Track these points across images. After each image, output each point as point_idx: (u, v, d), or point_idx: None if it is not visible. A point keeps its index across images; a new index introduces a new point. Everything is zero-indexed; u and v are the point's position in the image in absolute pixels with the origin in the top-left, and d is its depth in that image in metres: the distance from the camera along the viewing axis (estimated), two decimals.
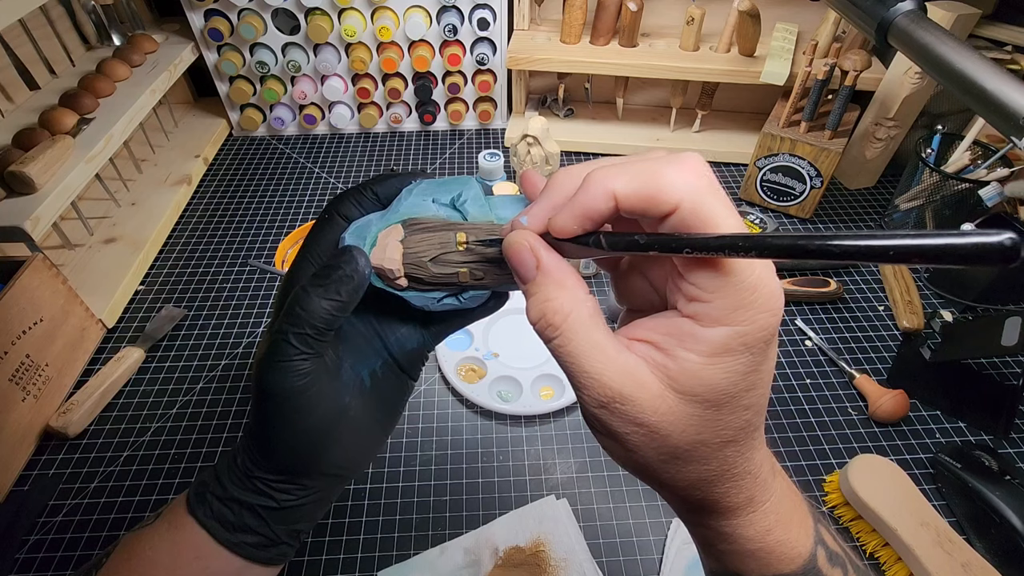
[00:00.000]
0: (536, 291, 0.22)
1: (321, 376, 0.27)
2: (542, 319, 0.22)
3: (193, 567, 0.28)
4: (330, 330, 0.26)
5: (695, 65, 0.92)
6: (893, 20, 0.59)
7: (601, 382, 0.21)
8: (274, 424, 0.27)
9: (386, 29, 0.95)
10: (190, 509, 0.28)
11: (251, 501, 0.28)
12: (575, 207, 0.21)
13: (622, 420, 0.21)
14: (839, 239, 0.16)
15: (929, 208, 0.81)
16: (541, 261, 0.22)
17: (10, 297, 0.58)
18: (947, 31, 0.56)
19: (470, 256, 0.27)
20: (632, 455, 0.22)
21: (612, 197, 0.20)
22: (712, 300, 0.19)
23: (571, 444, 0.62)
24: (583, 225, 0.21)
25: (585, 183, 0.21)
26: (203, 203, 0.95)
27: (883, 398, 0.63)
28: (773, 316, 0.20)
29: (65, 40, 0.88)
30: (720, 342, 0.19)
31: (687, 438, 0.21)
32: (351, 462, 0.30)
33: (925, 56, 0.56)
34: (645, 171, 0.20)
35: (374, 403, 0.30)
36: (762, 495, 0.23)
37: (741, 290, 0.19)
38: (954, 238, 0.14)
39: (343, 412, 0.28)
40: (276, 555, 0.29)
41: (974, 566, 0.50)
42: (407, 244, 0.27)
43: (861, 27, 0.65)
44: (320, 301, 0.25)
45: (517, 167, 0.89)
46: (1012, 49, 0.86)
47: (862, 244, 0.15)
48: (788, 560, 0.23)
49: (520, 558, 0.53)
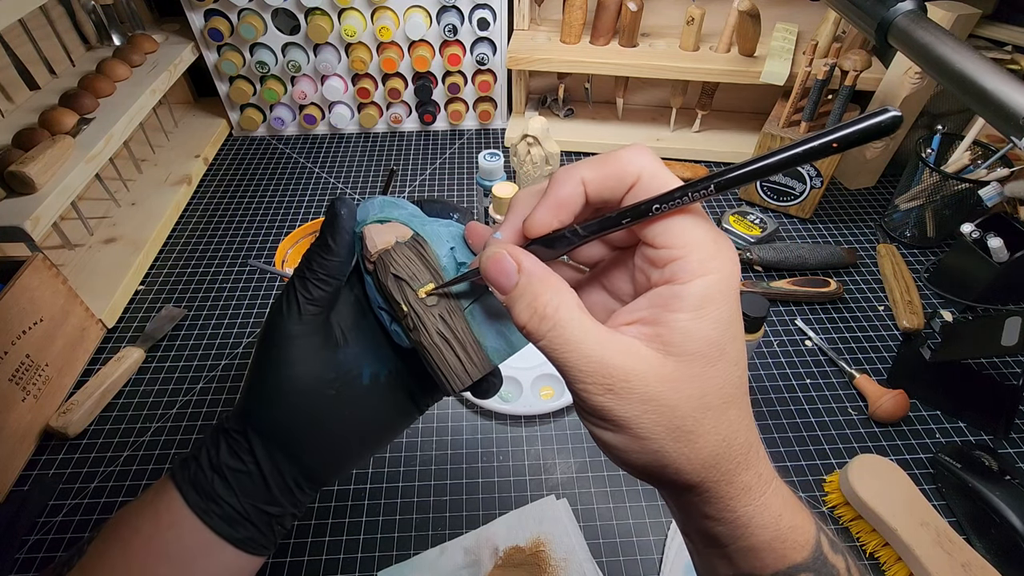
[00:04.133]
0: (522, 292, 0.22)
1: (313, 338, 0.28)
2: (533, 316, 0.22)
3: (168, 535, 0.28)
4: (329, 276, 0.28)
5: (695, 65, 0.92)
6: (893, 20, 0.59)
7: (604, 363, 0.21)
8: (255, 368, 0.29)
9: (386, 29, 0.95)
10: (172, 474, 0.29)
11: (212, 454, 0.29)
12: (548, 201, 0.23)
13: (631, 401, 0.21)
14: (774, 155, 0.19)
15: (929, 208, 0.81)
16: (522, 264, 0.23)
17: (10, 297, 0.58)
18: (947, 31, 0.56)
19: (418, 306, 0.27)
20: (645, 443, 0.21)
21: (581, 182, 0.22)
22: (686, 254, 0.21)
23: (571, 444, 0.62)
24: (558, 216, 0.23)
25: (552, 181, 0.23)
26: (203, 203, 0.95)
27: (883, 398, 0.63)
28: (735, 262, 0.22)
29: (65, 40, 0.88)
30: (702, 293, 0.21)
31: (693, 404, 0.21)
32: (305, 444, 0.29)
33: (925, 56, 0.56)
34: (604, 159, 0.23)
35: (362, 406, 0.30)
36: (768, 472, 0.23)
37: (708, 240, 0.21)
38: (853, 125, 0.17)
39: (321, 387, 0.28)
40: (247, 537, 0.29)
41: (974, 566, 0.50)
42: (396, 248, 0.28)
43: (861, 27, 0.65)
44: (313, 247, 0.28)
45: (517, 167, 0.89)
46: (1012, 49, 0.86)
47: (800, 150, 0.18)
48: (799, 547, 0.23)
49: (520, 558, 0.53)
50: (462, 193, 0.96)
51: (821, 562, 0.24)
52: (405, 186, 0.98)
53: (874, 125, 0.17)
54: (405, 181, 0.99)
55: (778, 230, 0.86)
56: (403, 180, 0.99)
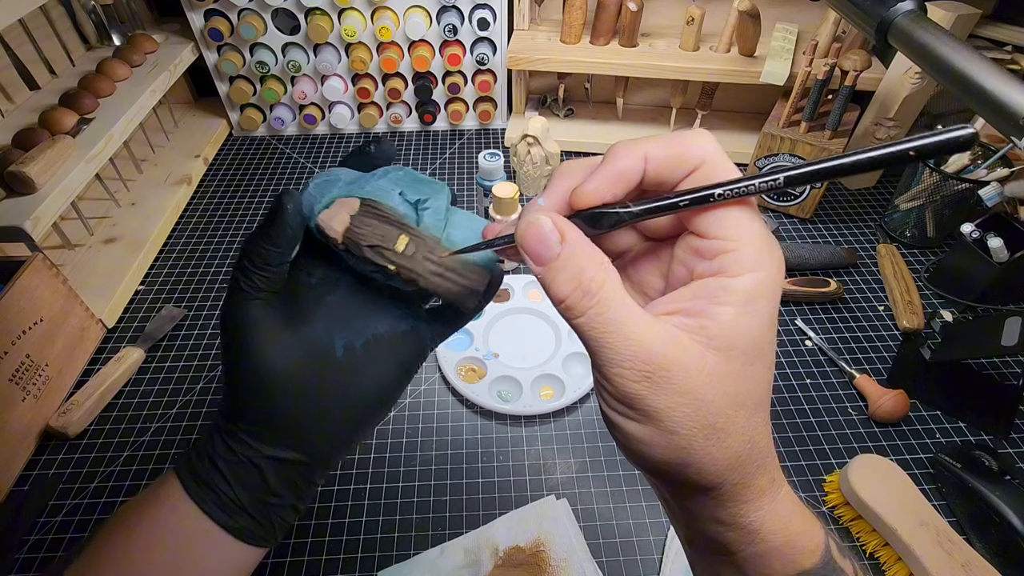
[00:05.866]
0: (565, 264, 0.21)
1: (271, 321, 0.28)
2: (577, 289, 0.21)
3: (168, 522, 0.28)
4: (269, 266, 0.28)
5: (695, 65, 0.92)
6: (893, 20, 0.59)
7: (644, 347, 0.20)
8: (225, 365, 0.29)
9: (386, 29, 0.95)
10: (175, 465, 0.29)
11: (209, 446, 0.29)
12: (606, 171, 0.22)
13: (667, 392, 0.20)
14: (850, 156, 0.19)
15: (929, 208, 0.81)
16: (566, 234, 0.21)
17: (10, 297, 0.58)
18: (947, 31, 0.56)
19: (402, 260, 0.28)
20: (673, 438, 0.20)
21: (643, 158, 0.21)
22: (739, 248, 0.20)
23: (571, 444, 0.62)
24: (614, 190, 0.22)
25: (612, 153, 0.22)
26: (203, 203, 0.95)
27: (883, 398, 0.63)
28: (782, 260, 0.21)
29: (65, 40, 0.88)
30: (752, 288, 0.20)
31: (727, 402, 0.20)
32: (292, 426, 0.29)
33: (925, 56, 0.56)
34: (670, 137, 0.22)
35: (342, 378, 0.30)
36: (780, 476, 0.23)
37: (759, 236, 0.21)
38: (933, 136, 0.18)
39: (292, 366, 0.28)
40: (244, 527, 0.29)
41: (974, 566, 0.50)
42: (354, 222, 0.29)
43: (861, 27, 0.65)
44: (255, 238, 0.28)
45: (517, 167, 0.89)
46: (1012, 49, 0.86)
47: (877, 154, 0.18)
48: (809, 552, 0.23)
49: (520, 558, 0.53)
50: (462, 193, 0.96)
51: (831, 567, 0.23)
52: None
53: (953, 139, 0.17)
54: None
55: (778, 230, 0.86)
56: None
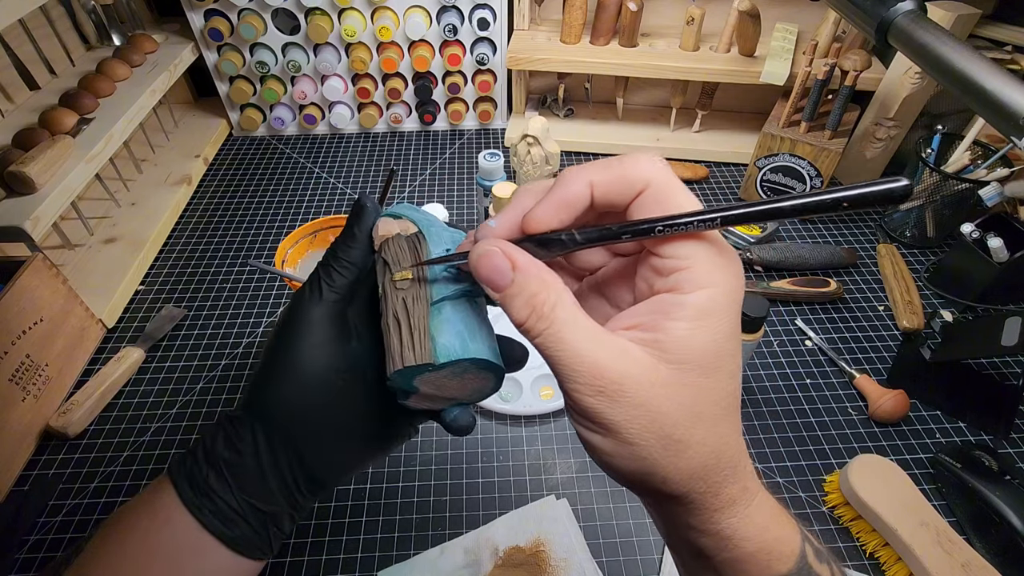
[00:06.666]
0: (518, 291, 0.22)
1: (330, 327, 0.29)
2: (531, 314, 0.22)
3: (162, 532, 0.27)
4: (348, 262, 0.30)
5: (695, 65, 0.92)
6: (893, 20, 0.59)
7: (597, 363, 0.21)
8: (268, 351, 0.29)
9: (386, 29, 0.95)
10: (169, 470, 0.29)
11: (208, 445, 0.28)
12: (553, 199, 0.22)
13: (621, 405, 0.21)
14: (785, 201, 0.19)
15: (929, 208, 0.81)
16: (517, 261, 0.22)
17: (10, 297, 0.58)
18: (947, 31, 0.56)
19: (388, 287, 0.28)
20: (633, 449, 0.21)
21: (588, 184, 0.22)
22: (691, 265, 0.21)
23: (571, 444, 0.62)
24: (560, 216, 0.22)
25: (560, 179, 0.23)
26: (203, 203, 0.95)
27: (883, 398, 0.63)
28: (740, 277, 0.22)
29: (65, 40, 0.88)
30: (704, 304, 0.21)
31: (683, 413, 0.21)
32: (307, 431, 0.29)
33: (925, 56, 0.56)
34: (614, 162, 0.22)
35: (367, 403, 0.30)
36: (754, 485, 0.23)
37: (714, 253, 0.21)
38: (866, 187, 0.18)
39: (330, 373, 0.28)
40: (240, 536, 0.28)
41: (974, 566, 0.50)
42: (395, 238, 0.30)
43: (861, 27, 0.65)
44: (339, 238, 0.30)
45: (517, 167, 0.89)
46: (1012, 49, 0.86)
47: (809, 200, 0.19)
48: (784, 558, 0.23)
49: (520, 558, 0.53)
50: (462, 193, 0.96)
51: (806, 572, 0.24)
52: (405, 186, 0.98)
53: (886, 191, 0.18)
54: (405, 181, 0.99)
55: (778, 230, 0.86)
56: (403, 180, 0.99)
